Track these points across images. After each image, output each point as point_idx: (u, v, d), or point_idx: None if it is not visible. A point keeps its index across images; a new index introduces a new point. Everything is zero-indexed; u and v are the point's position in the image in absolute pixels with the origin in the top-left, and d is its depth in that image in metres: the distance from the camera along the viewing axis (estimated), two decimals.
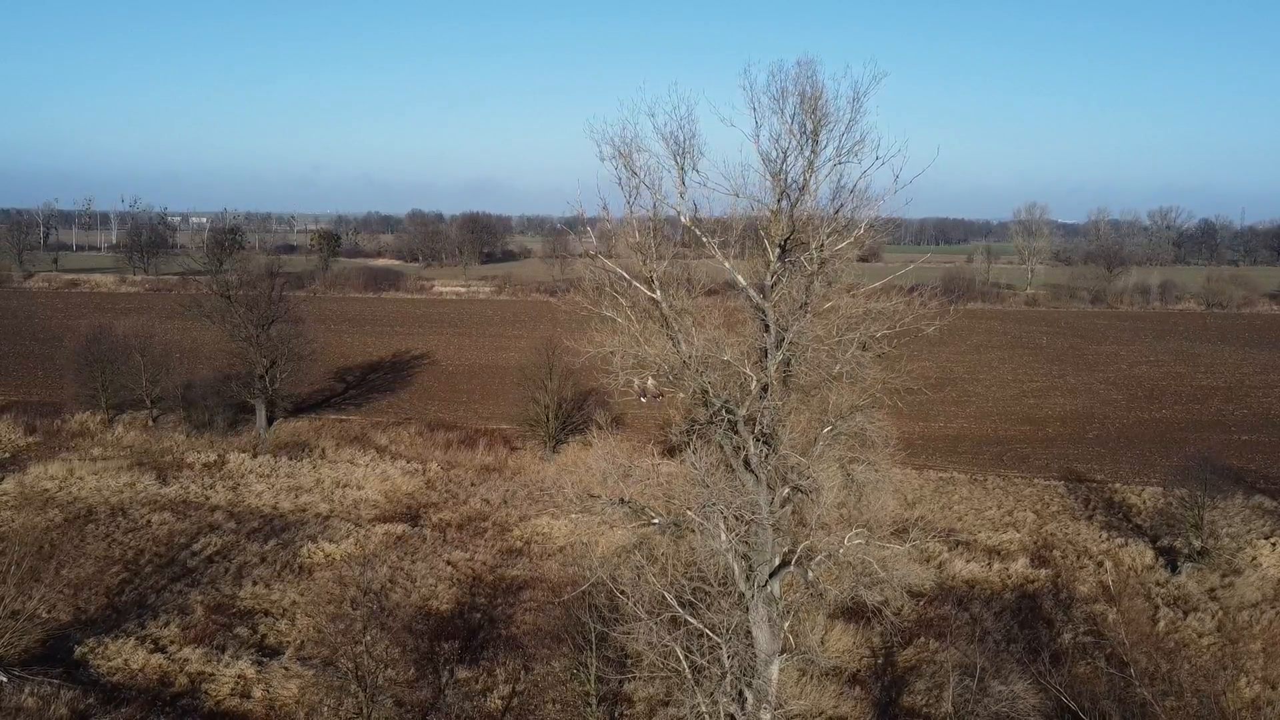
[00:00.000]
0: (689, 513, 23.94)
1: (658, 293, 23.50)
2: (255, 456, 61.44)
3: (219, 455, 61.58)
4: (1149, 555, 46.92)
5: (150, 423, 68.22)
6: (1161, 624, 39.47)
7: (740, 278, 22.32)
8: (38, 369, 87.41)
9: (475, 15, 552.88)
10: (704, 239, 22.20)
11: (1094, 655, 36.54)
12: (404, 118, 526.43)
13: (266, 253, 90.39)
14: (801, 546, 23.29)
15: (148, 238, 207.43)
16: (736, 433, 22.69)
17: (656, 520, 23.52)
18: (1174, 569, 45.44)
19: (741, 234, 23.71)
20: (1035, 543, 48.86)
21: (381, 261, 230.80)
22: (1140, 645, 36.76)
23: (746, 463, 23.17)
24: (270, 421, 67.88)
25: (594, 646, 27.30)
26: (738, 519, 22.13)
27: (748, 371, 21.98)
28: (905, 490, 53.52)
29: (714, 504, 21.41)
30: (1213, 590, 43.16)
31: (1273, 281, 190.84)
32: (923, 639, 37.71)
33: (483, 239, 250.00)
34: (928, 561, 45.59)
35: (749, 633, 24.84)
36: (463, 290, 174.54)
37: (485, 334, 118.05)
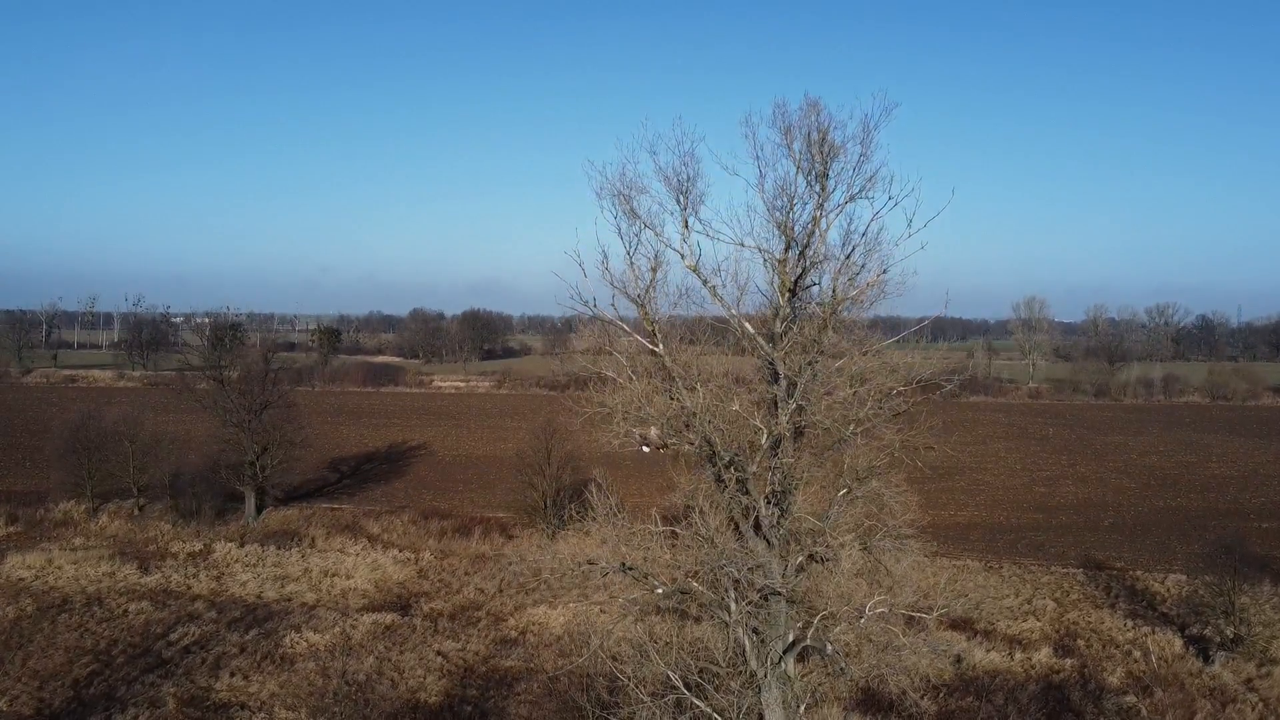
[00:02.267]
0: (694, 583, 22.18)
1: (660, 345, 22.27)
2: (242, 545, 59.19)
3: (205, 544, 59.37)
4: (1178, 644, 44.46)
5: (136, 512, 66.10)
6: (1199, 716, 36.90)
7: (747, 325, 21.07)
8: (25, 460, 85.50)
9: (480, 117, 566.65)
10: (709, 285, 21.04)
11: None
12: (409, 220, 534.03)
13: (265, 349, 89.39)
14: (819, 618, 21.43)
15: (148, 335, 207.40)
16: (747, 492, 21.11)
17: (660, 589, 21.70)
18: (1206, 658, 42.95)
19: (747, 282, 22.58)
20: (1058, 631, 46.42)
21: (381, 358, 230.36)
22: None
23: (757, 526, 21.53)
24: (260, 510, 65.84)
25: None
26: (750, 585, 20.34)
27: (757, 424, 20.54)
28: (917, 577, 51.22)
29: (723, 565, 19.65)
30: (1250, 681, 40.64)
31: (1276, 375, 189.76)
32: None
33: (483, 336, 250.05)
34: (945, 651, 43.29)
35: (761, 717, 22.75)
36: (462, 385, 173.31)
37: (483, 425, 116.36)
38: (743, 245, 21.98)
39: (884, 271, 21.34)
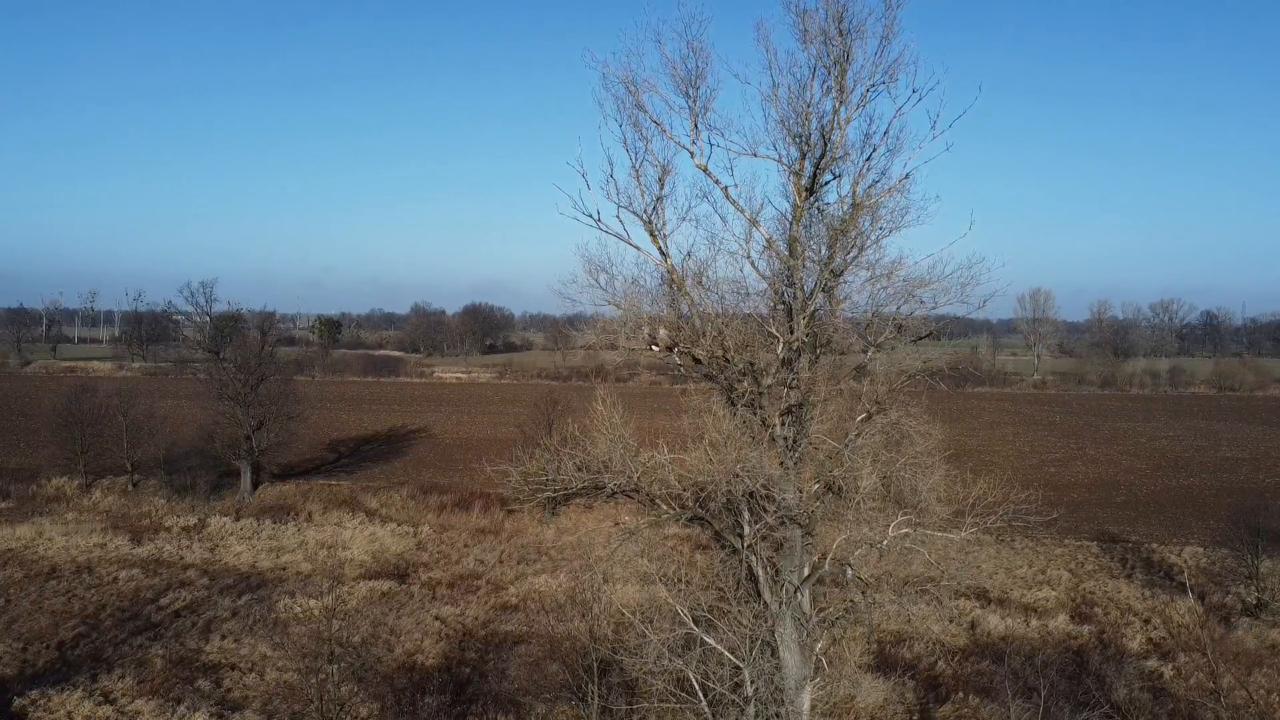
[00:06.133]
0: (701, 511, 20.89)
1: (669, 260, 21.02)
2: (238, 519, 58.01)
3: (199, 519, 58.15)
4: (1199, 611, 43.17)
5: (130, 487, 64.88)
6: (1226, 680, 35.53)
7: (761, 229, 19.83)
8: (20, 441, 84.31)
9: (483, 116, 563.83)
10: (721, 186, 19.78)
11: (1156, 714, 32.79)
12: (412, 220, 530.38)
13: (262, 325, 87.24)
14: (838, 541, 20.18)
15: (148, 330, 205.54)
16: (761, 408, 19.84)
17: (668, 513, 20.41)
18: (1228, 625, 41.65)
19: (762, 205, 21.29)
20: (1074, 600, 45.16)
21: (382, 352, 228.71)
22: (1205, 702, 33.12)
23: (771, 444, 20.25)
24: (256, 486, 64.60)
25: (596, 676, 23.80)
26: (766, 499, 18.99)
27: (773, 332, 19.29)
28: (927, 550, 50.03)
29: (736, 474, 18.32)
30: (1275, 646, 39.36)
31: None
32: (961, 694, 33.94)
33: (485, 330, 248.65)
34: (957, 620, 42.12)
35: (774, 653, 21.46)
36: (464, 376, 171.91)
37: (484, 412, 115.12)
38: (755, 155, 20.75)
39: (906, 176, 20.09)
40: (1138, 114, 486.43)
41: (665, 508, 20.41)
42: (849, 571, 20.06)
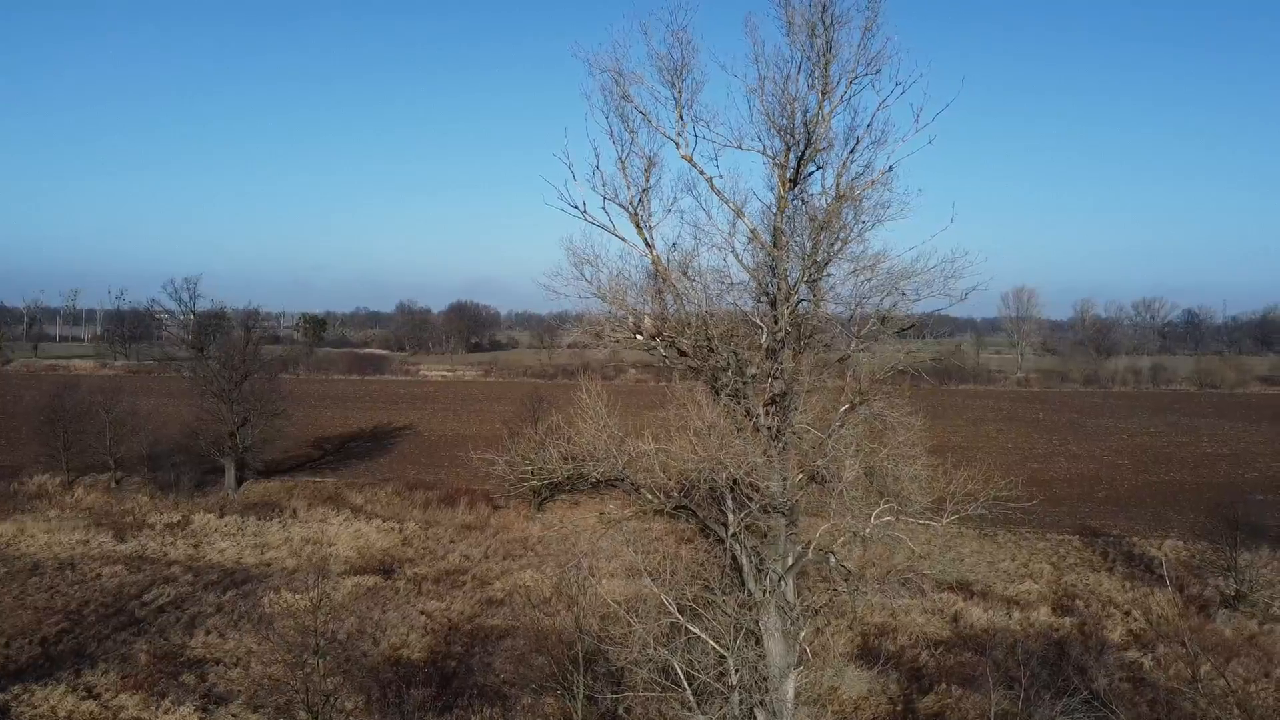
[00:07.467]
0: (686, 500, 21.04)
1: (654, 251, 21.14)
2: (222, 516, 57.80)
3: (183, 515, 57.92)
4: (1179, 603, 43.65)
5: (113, 484, 64.54)
6: (1205, 668, 35.99)
7: (746, 220, 19.98)
8: (0, 438, 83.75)
9: (477, 114, 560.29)
10: (706, 177, 19.93)
11: (1135, 703, 33.18)
12: (404, 217, 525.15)
13: (246, 322, 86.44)
14: (821, 530, 20.36)
15: (130, 328, 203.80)
16: (745, 398, 20.00)
17: (653, 502, 20.55)
18: (1207, 616, 42.14)
19: (746, 198, 21.46)
20: (1056, 592, 45.59)
21: (367, 350, 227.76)
22: (1184, 691, 33.53)
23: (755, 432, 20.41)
24: (240, 482, 64.41)
25: (582, 667, 23.91)
26: (749, 488, 19.15)
27: (758, 321, 19.46)
28: (910, 539, 50.37)
29: (719, 460, 18.45)
30: (1253, 637, 39.85)
31: (1263, 366, 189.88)
32: (944, 685, 34.24)
33: (471, 329, 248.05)
34: (941, 612, 42.46)
35: (759, 642, 21.64)
36: (449, 374, 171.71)
37: (470, 409, 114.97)
38: (740, 147, 20.91)
39: (889, 169, 20.28)
40: (1123, 113, 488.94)
41: (650, 497, 20.55)
42: (832, 560, 20.24)
